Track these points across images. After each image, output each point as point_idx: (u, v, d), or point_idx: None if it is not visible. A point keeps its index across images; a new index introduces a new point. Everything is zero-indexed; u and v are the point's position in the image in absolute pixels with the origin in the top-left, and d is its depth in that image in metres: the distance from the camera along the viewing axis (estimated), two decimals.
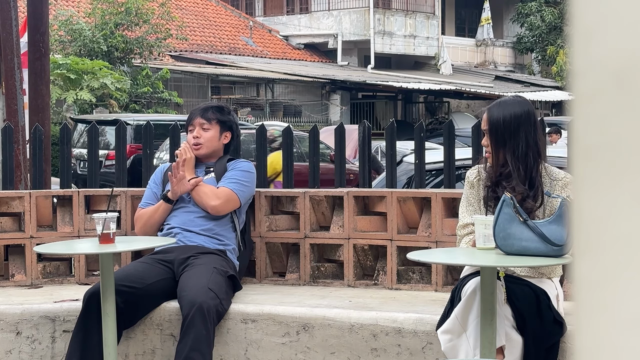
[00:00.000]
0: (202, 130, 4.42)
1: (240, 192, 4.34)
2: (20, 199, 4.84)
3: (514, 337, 3.32)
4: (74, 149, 13.30)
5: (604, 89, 0.69)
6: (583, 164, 0.71)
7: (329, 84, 27.28)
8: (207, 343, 3.80)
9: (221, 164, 4.44)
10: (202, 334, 3.77)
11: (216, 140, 4.45)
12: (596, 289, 0.70)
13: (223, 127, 4.47)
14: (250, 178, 4.42)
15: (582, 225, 0.71)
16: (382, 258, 4.61)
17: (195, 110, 4.53)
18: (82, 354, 3.87)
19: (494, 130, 3.49)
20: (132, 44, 20.58)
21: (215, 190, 4.30)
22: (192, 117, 4.48)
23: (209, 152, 4.44)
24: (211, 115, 4.44)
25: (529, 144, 3.47)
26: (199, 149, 4.41)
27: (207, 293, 3.88)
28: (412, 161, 5.44)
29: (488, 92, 27.52)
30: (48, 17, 6.61)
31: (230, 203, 4.32)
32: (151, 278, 4.07)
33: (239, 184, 4.35)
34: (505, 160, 3.49)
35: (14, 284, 4.81)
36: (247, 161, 4.52)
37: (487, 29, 33.50)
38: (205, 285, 3.92)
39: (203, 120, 4.43)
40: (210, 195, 4.28)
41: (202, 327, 3.78)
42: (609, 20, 0.69)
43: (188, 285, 3.94)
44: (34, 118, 6.24)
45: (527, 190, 3.45)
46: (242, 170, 4.40)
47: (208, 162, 4.48)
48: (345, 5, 30.74)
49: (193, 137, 4.41)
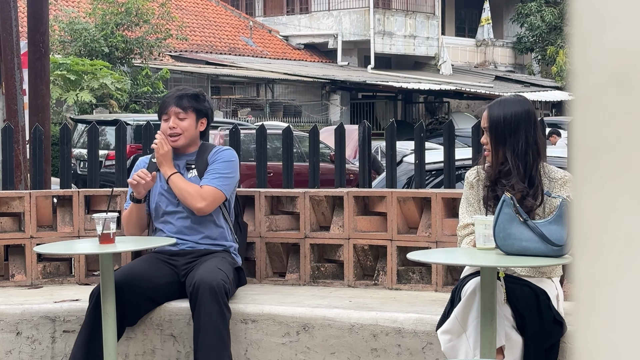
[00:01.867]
0: (178, 119, 4.22)
1: (225, 187, 4.19)
2: (20, 199, 4.84)
3: (514, 337, 3.32)
4: (74, 149, 13.30)
5: (604, 89, 0.69)
6: (583, 164, 0.71)
7: (329, 84, 27.29)
8: (222, 319, 3.84)
9: (202, 158, 4.26)
10: (215, 310, 3.80)
11: (193, 129, 4.25)
12: (596, 289, 0.70)
13: (199, 115, 4.27)
14: (233, 167, 4.25)
15: (582, 225, 0.71)
16: (382, 258, 4.61)
17: (169, 98, 4.29)
18: (88, 350, 3.88)
19: (494, 128, 3.49)
20: (132, 44, 20.58)
21: (199, 191, 4.14)
22: (166, 105, 4.26)
23: (186, 142, 4.25)
24: (187, 104, 4.23)
25: (529, 143, 3.47)
26: (177, 140, 4.22)
27: (216, 272, 3.92)
28: (412, 161, 5.44)
29: (488, 92, 27.52)
30: (48, 17, 6.61)
31: (217, 201, 4.19)
32: (158, 278, 4.08)
33: (222, 178, 4.19)
34: (504, 159, 3.49)
35: (14, 284, 4.81)
36: (228, 149, 4.35)
37: (487, 29, 33.50)
38: (215, 267, 3.97)
39: (179, 109, 4.22)
40: (195, 197, 4.12)
41: (214, 303, 3.81)
42: (609, 20, 0.69)
43: (198, 271, 3.96)
44: (34, 118, 6.24)
45: (527, 188, 3.45)
46: (224, 162, 4.22)
47: (187, 152, 4.29)
48: (345, 5, 30.74)
49: (169, 128, 4.21)
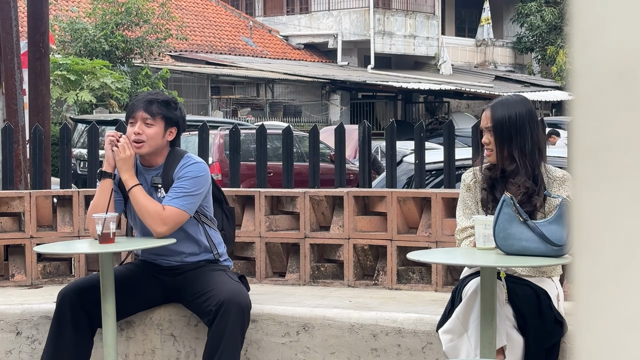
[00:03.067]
0: (145, 125, 3.91)
1: (189, 207, 3.89)
2: (20, 199, 4.84)
3: (515, 337, 3.32)
4: (74, 149, 13.30)
5: (604, 89, 0.69)
6: (583, 164, 0.71)
7: (329, 84, 27.28)
8: (243, 336, 3.82)
9: (168, 175, 3.97)
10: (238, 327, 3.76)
11: (160, 138, 3.93)
12: (596, 289, 0.70)
13: (168, 123, 3.95)
14: (200, 183, 3.93)
15: (582, 225, 0.71)
16: (382, 258, 4.61)
17: (138, 101, 3.97)
18: (53, 353, 3.88)
19: (499, 128, 3.47)
20: (132, 44, 20.58)
21: (161, 213, 3.84)
22: (134, 108, 3.94)
23: (151, 150, 3.94)
24: (156, 110, 3.92)
25: (534, 141, 3.48)
26: (141, 147, 3.91)
27: (240, 288, 3.86)
28: (412, 161, 5.44)
29: (488, 92, 27.51)
30: (48, 17, 6.60)
31: (179, 223, 3.91)
32: (139, 290, 4.05)
33: (187, 196, 3.88)
34: (510, 158, 3.48)
35: (14, 284, 4.81)
36: (196, 162, 3.98)
37: (487, 29, 33.49)
38: (234, 282, 3.90)
39: (147, 114, 3.91)
40: (155, 219, 3.84)
41: (239, 321, 3.76)
42: (609, 20, 0.69)
43: (217, 285, 3.86)
44: (34, 118, 6.24)
45: (534, 186, 3.45)
46: (189, 179, 3.91)
47: (152, 164, 4.00)
48: (345, 5, 30.73)
49: (134, 133, 3.90)
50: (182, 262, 4.06)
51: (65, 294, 3.90)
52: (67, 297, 3.89)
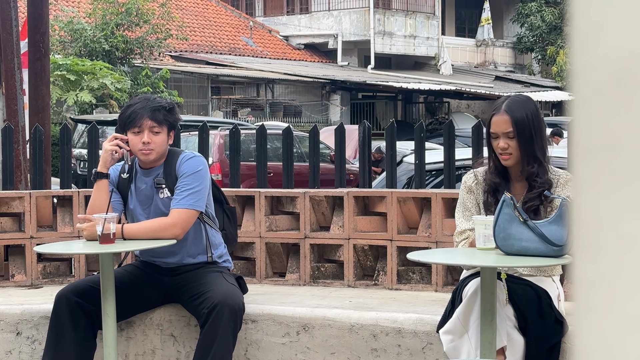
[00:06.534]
0: (153, 134, 3.96)
1: (197, 204, 3.96)
2: (20, 199, 4.84)
3: (516, 337, 3.31)
4: (74, 149, 13.30)
5: (604, 89, 0.69)
6: (583, 164, 0.71)
7: (329, 84, 27.29)
8: (234, 337, 3.83)
9: (170, 173, 4.04)
10: (230, 329, 3.77)
11: (166, 143, 4.03)
12: (596, 289, 0.70)
13: (170, 128, 4.06)
14: (201, 178, 4.00)
15: (582, 225, 0.71)
16: (382, 258, 4.61)
17: (141, 110, 3.99)
18: (54, 354, 3.88)
19: (521, 129, 3.41)
20: (132, 44, 20.59)
21: (166, 222, 3.92)
22: (138, 117, 3.96)
23: (158, 156, 4.02)
24: (162, 118, 3.99)
25: (544, 139, 3.48)
26: (149, 154, 3.97)
27: (234, 291, 3.88)
28: (412, 161, 5.44)
29: (488, 92, 27.52)
30: (48, 18, 6.60)
31: (192, 221, 3.97)
32: (139, 291, 4.06)
33: (192, 194, 3.95)
34: (533, 158, 3.44)
35: (14, 284, 4.81)
36: (194, 157, 4.07)
37: (487, 29, 33.50)
38: (229, 284, 3.92)
39: (154, 123, 3.96)
40: (165, 230, 3.91)
41: (231, 324, 3.78)
42: (609, 20, 0.69)
43: (212, 287, 3.88)
44: (34, 118, 6.24)
45: (550, 181, 3.46)
46: (190, 175, 3.98)
47: (154, 165, 4.07)
48: (345, 6, 30.74)
49: (143, 142, 3.95)
50: (181, 263, 4.08)
51: (63, 295, 3.91)
52: (65, 299, 3.89)
